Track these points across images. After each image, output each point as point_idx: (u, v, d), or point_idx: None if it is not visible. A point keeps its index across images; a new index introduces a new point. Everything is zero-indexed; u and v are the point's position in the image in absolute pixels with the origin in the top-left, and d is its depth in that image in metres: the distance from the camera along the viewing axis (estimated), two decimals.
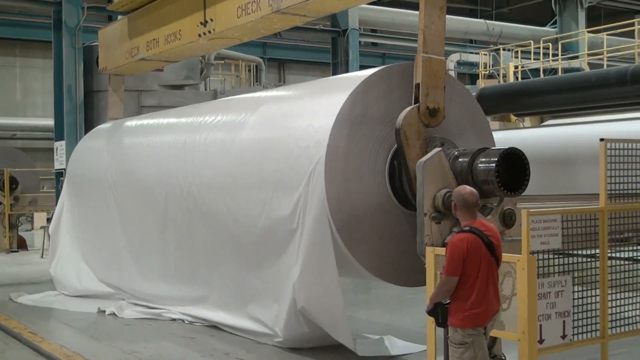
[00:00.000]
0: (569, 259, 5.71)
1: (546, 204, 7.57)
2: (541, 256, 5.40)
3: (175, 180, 9.13)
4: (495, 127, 13.72)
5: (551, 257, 5.52)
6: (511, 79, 19.20)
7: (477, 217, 5.03)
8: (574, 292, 5.59)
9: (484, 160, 6.18)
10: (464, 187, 5.16)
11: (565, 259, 5.67)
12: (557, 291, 5.45)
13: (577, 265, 5.73)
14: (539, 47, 20.81)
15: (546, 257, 5.46)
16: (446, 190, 6.04)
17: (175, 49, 10.62)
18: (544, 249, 5.43)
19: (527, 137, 12.46)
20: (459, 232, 4.92)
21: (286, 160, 7.24)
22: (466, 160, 6.28)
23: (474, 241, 4.78)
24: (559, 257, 5.63)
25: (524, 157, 6.24)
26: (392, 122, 6.69)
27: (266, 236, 7.47)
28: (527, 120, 14.99)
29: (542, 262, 5.41)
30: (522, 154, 6.24)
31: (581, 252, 5.93)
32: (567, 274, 5.58)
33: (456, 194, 5.07)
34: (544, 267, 5.45)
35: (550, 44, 21.22)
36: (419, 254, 6.06)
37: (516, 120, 15.22)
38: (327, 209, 6.63)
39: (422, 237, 5.99)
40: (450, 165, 6.26)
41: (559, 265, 5.59)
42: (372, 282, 8.08)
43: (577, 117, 12.95)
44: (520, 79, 19.07)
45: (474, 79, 27.77)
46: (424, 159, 6.11)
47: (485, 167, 6.15)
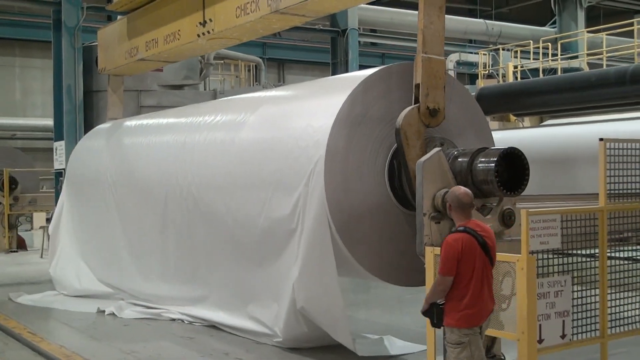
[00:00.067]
0: (569, 258, 5.71)
1: (545, 203, 7.57)
2: (540, 256, 5.41)
3: (174, 180, 9.12)
4: (494, 127, 13.71)
5: (550, 257, 5.52)
6: (510, 79, 19.20)
7: (472, 217, 5.05)
8: (573, 292, 5.59)
9: (483, 160, 6.18)
10: (459, 187, 5.21)
11: (564, 259, 5.67)
12: (556, 291, 5.44)
13: (577, 265, 5.74)
14: (539, 47, 20.83)
15: (545, 257, 5.47)
16: (446, 190, 6.02)
17: (174, 49, 10.62)
18: (543, 249, 5.43)
19: (526, 137, 12.44)
20: (454, 232, 4.94)
21: (286, 160, 7.23)
22: (466, 160, 6.28)
23: (469, 241, 4.80)
24: (559, 257, 5.63)
25: (523, 157, 6.24)
26: (391, 122, 6.69)
27: (266, 236, 7.47)
28: (527, 120, 14.98)
29: (541, 262, 5.41)
30: (521, 153, 6.24)
31: (580, 252, 5.93)
32: (567, 274, 5.58)
33: (451, 194, 5.11)
34: (544, 267, 5.45)
35: (549, 44, 21.23)
36: (418, 254, 6.06)
37: (515, 120, 15.20)
38: (327, 209, 6.63)
39: (421, 237, 5.98)
40: (449, 165, 6.25)
41: (558, 265, 5.59)
42: (372, 282, 8.07)
43: (577, 117, 12.94)
44: (519, 79, 19.07)
45: (473, 78, 27.79)
46: (424, 159, 6.11)
47: (484, 167, 6.15)
